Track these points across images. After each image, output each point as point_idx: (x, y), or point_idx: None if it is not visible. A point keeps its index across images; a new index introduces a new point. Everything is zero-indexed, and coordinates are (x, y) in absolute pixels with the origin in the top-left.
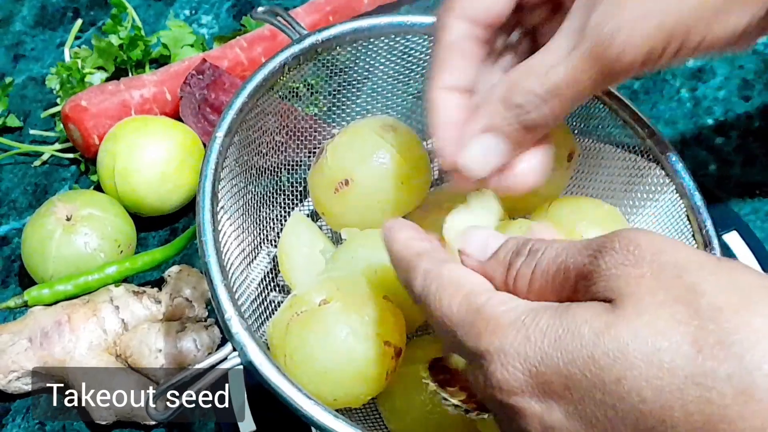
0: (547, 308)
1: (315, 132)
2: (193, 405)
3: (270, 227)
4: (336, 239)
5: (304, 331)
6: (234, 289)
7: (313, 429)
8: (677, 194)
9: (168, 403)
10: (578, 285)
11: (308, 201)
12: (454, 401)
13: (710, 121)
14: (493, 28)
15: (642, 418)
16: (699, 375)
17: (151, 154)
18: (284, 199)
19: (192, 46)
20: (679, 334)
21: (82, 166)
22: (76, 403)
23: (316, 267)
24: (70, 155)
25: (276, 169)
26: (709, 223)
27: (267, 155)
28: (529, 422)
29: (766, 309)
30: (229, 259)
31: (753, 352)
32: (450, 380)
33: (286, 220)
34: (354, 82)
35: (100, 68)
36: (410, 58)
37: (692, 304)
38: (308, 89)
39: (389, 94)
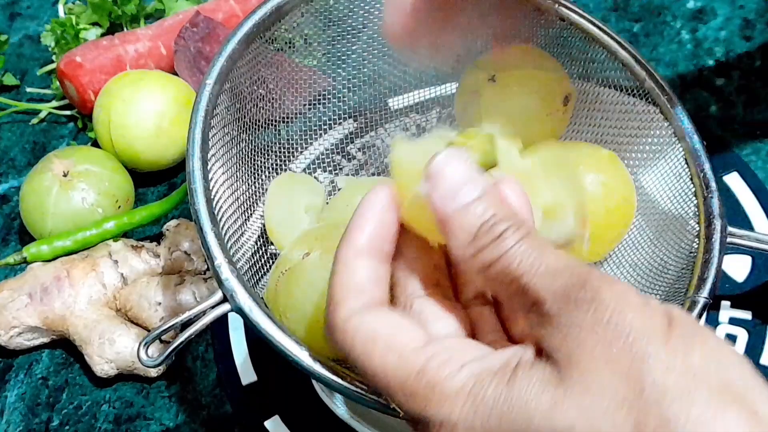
0: (493, 376)
1: (311, 81)
2: (186, 352)
3: (266, 176)
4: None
5: (290, 288)
6: (226, 239)
7: (313, 381)
8: (675, 137)
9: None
10: (530, 313)
11: (306, 152)
12: None
13: (711, 62)
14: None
15: None
16: None
17: (146, 109)
18: (279, 148)
19: None
20: (621, 417)
21: (79, 122)
22: (77, 358)
23: (301, 226)
24: (68, 112)
25: (272, 120)
26: (707, 167)
27: (261, 106)
28: None
29: (710, 392)
30: (221, 207)
31: None
32: None
33: (282, 170)
34: (350, 30)
35: (94, 24)
36: None
37: (638, 384)
38: (304, 40)
39: (386, 42)
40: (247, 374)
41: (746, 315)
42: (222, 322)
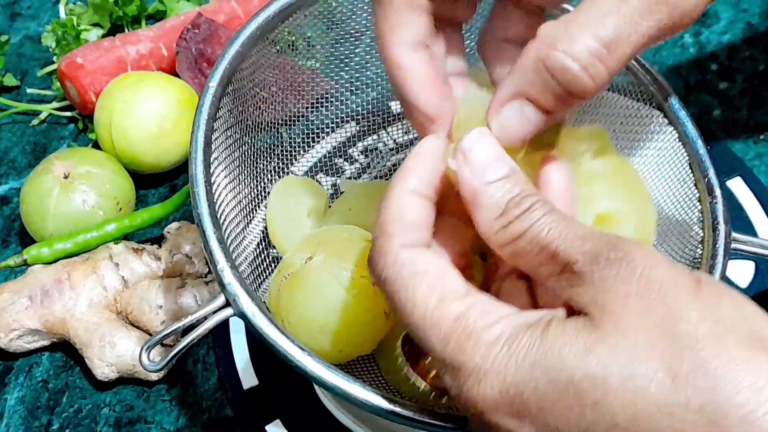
0: (528, 327)
1: (314, 84)
2: (187, 355)
3: (268, 179)
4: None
5: (292, 292)
6: (228, 242)
7: (315, 385)
8: (680, 142)
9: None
10: (561, 276)
11: (308, 155)
12: (423, 385)
13: (715, 66)
14: None
15: None
16: (672, 404)
17: (147, 110)
18: (282, 151)
19: (188, 0)
20: (655, 360)
21: (80, 124)
22: (77, 361)
23: (304, 230)
24: (68, 113)
25: (274, 123)
26: (711, 172)
27: (264, 108)
28: None
29: (740, 339)
30: (223, 210)
31: (725, 383)
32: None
33: (284, 174)
34: (353, 32)
35: (95, 25)
36: None
37: (670, 331)
38: (306, 42)
39: None
40: (248, 378)
41: None
42: (223, 325)
